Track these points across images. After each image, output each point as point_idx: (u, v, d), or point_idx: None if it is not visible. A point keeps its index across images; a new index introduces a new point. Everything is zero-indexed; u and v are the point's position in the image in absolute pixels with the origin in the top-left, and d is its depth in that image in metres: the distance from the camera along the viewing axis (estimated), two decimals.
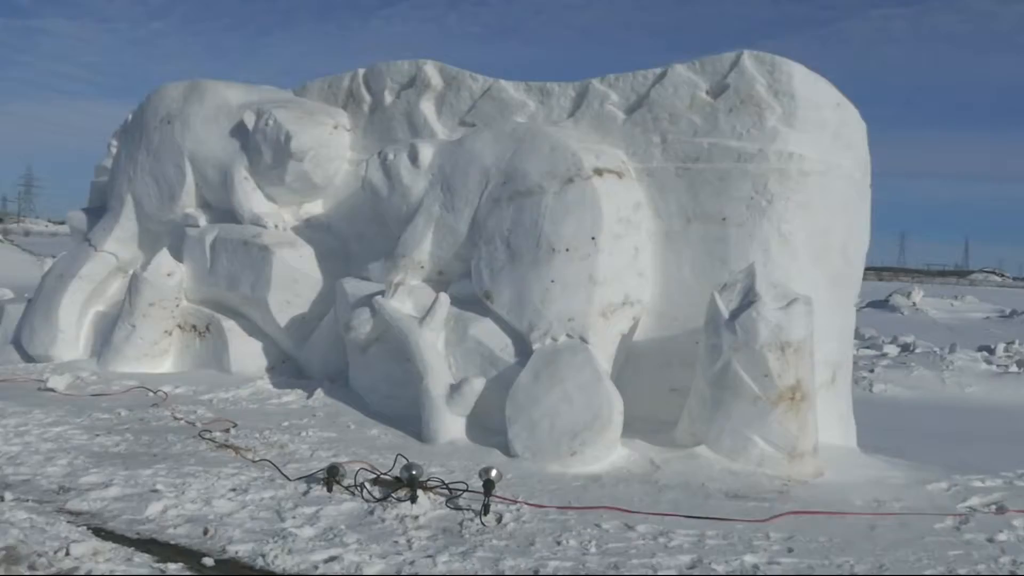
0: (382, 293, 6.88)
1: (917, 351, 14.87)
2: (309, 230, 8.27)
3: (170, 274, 8.43)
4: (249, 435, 6.01)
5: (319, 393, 7.20)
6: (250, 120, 8.14)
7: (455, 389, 6.17)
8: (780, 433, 5.66)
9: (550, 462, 5.65)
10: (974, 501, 5.36)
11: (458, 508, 4.65)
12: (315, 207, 8.47)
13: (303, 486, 4.93)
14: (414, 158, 7.13)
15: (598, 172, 6.44)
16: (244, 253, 8.06)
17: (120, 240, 9.16)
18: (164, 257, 8.46)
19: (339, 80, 8.52)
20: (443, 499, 4.77)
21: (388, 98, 8.08)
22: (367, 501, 4.68)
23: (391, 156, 7.23)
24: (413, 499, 4.60)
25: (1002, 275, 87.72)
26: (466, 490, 4.78)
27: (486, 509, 4.52)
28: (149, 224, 9.02)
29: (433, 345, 6.40)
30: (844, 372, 6.70)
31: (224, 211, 8.59)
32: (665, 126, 6.72)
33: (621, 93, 7.00)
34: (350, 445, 5.93)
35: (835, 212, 6.52)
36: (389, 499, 4.67)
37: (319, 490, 4.83)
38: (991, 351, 14.91)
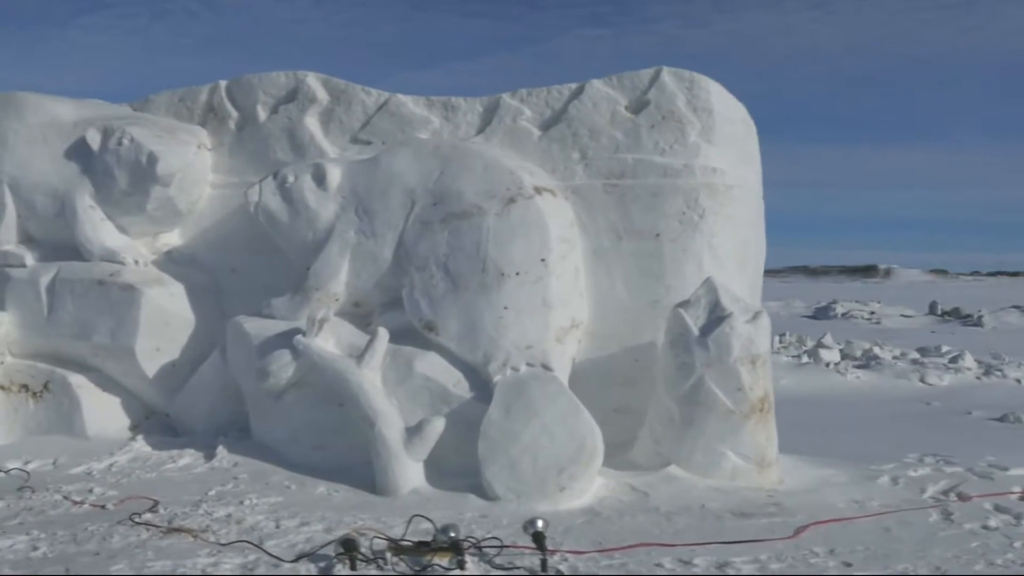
0: (298, 332, 6.11)
1: None
2: (171, 264, 7.18)
3: None
4: (185, 512, 5.07)
5: (222, 451, 6.27)
6: (95, 139, 6.93)
7: (413, 433, 5.61)
8: (751, 445, 5.74)
9: (538, 501, 5.30)
10: (931, 490, 5.74)
11: (510, 568, 4.18)
12: (172, 238, 7.38)
13: (310, 567, 4.21)
14: (320, 179, 6.43)
15: (537, 191, 6.18)
16: (99, 295, 6.84)
17: None
18: None
19: (194, 93, 7.49)
20: (477, 558, 4.28)
21: (262, 113, 7.22)
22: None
23: (291, 178, 6.46)
24: (461, 565, 4.08)
25: None
26: (513, 546, 4.33)
27: (544, 565, 4.12)
28: None
29: (377, 386, 5.79)
30: None
31: (55, 247, 7.25)
32: (585, 142, 6.58)
33: (534, 108, 6.77)
34: (309, 508, 5.19)
35: (749, 224, 6.73)
36: (430, 568, 4.10)
37: (337, 568, 4.14)
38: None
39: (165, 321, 6.87)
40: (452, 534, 4.21)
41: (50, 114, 7.22)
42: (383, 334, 5.86)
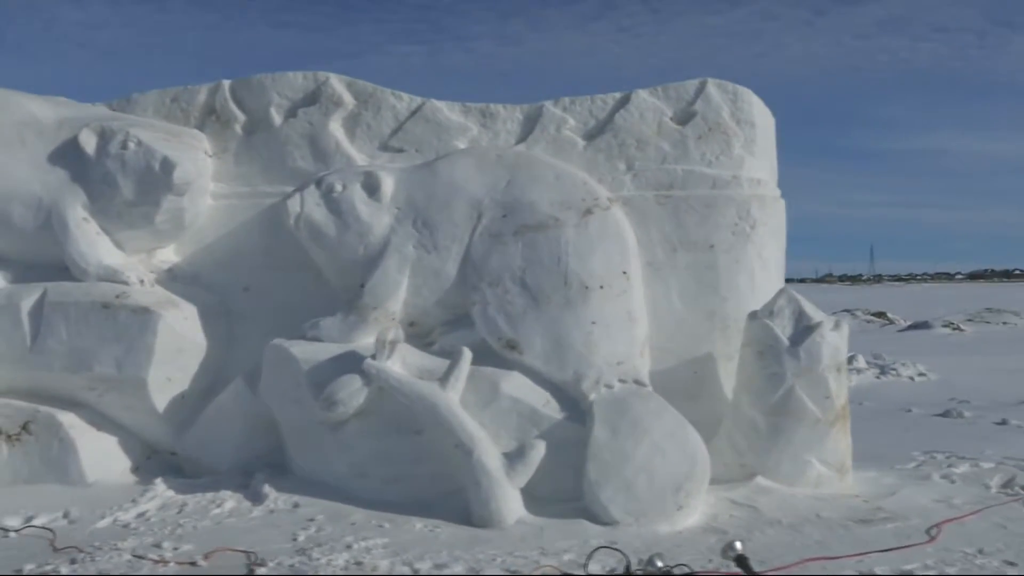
0: (355, 355, 5.61)
1: None
2: (174, 284, 6.39)
3: None
4: (303, 563, 4.47)
5: (269, 490, 5.62)
6: (90, 141, 6.06)
7: (515, 458, 5.26)
8: (833, 452, 5.81)
9: (657, 522, 5.11)
10: (994, 484, 6.02)
11: None
12: (168, 254, 6.58)
13: None
14: (372, 189, 5.94)
15: (611, 201, 6.00)
16: (102, 320, 5.96)
17: None
18: None
19: (191, 94, 6.71)
20: None
21: (277, 117, 6.58)
22: None
23: (339, 187, 5.93)
24: None
25: None
26: (715, 573, 4.12)
27: None
28: None
29: (463, 411, 5.39)
30: None
31: (29, 266, 6.30)
32: (632, 153, 6.47)
33: (578, 117, 6.59)
34: (426, 548, 4.73)
35: (783, 235, 6.85)
36: None
37: None
38: None
39: (179, 348, 6.11)
40: (659, 563, 3.95)
41: (24, 112, 6.28)
42: (467, 354, 5.47)
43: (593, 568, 4.21)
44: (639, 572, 3.99)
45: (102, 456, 6.06)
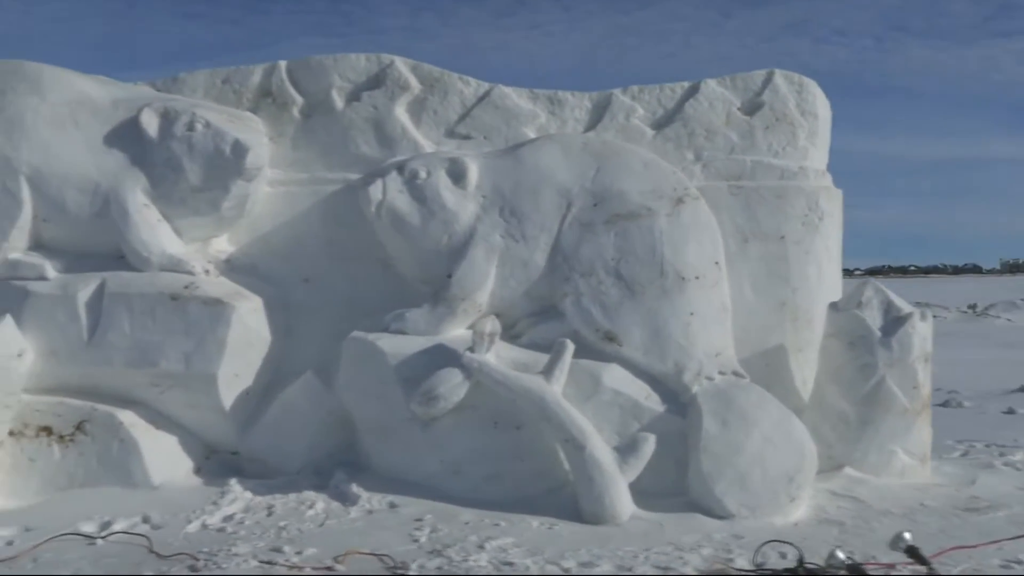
0: (444, 348, 5.41)
1: None
2: (233, 275, 6.04)
3: (20, 354, 5.50)
4: (449, 567, 4.26)
5: (359, 490, 5.35)
6: (152, 122, 5.67)
7: (627, 452, 5.14)
8: (917, 441, 5.89)
9: (772, 514, 5.07)
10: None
11: None
12: (222, 243, 6.22)
13: None
14: (458, 176, 5.72)
15: (699, 191, 5.94)
16: (170, 312, 5.58)
17: None
18: (9, 329, 5.47)
19: (243, 75, 6.34)
20: None
21: (338, 101, 6.29)
22: None
23: (423, 174, 5.69)
24: None
25: None
26: (886, 564, 4.07)
27: None
28: None
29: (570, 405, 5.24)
30: None
31: (79, 255, 5.87)
32: (700, 142, 6.42)
33: (646, 107, 6.49)
34: (556, 547, 4.57)
35: (841, 227, 6.90)
36: None
37: None
38: None
39: (248, 342, 5.79)
40: (841, 555, 3.89)
41: (76, 90, 5.84)
42: (569, 347, 5.31)
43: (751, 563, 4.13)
44: (812, 565, 3.93)
45: (164, 457, 5.68)
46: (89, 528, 4.94)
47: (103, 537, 4.78)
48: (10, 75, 5.77)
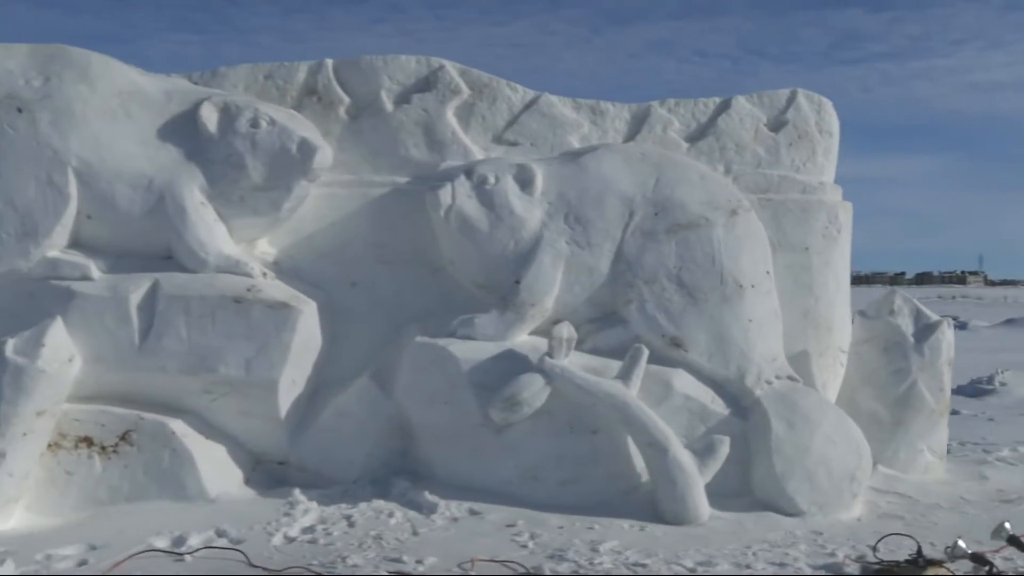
0: (514, 354, 5.45)
1: None
2: (280, 278, 5.84)
3: (71, 359, 5.15)
4: (579, 569, 4.30)
5: (433, 499, 5.30)
6: (212, 117, 5.43)
7: (705, 454, 5.30)
8: (939, 440, 6.35)
9: (838, 512, 5.36)
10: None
11: None
12: (263, 245, 6.00)
13: None
14: (525, 182, 5.75)
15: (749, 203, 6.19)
16: (232, 316, 5.34)
17: None
18: (60, 333, 5.11)
19: (287, 71, 6.13)
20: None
21: (387, 102, 6.19)
22: None
23: (492, 180, 5.69)
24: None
25: None
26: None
27: None
28: None
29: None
30: None
31: (119, 255, 5.55)
32: (731, 156, 6.68)
33: (682, 120, 6.70)
34: (670, 548, 4.69)
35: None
36: None
37: None
38: None
39: (308, 347, 5.64)
40: (963, 545, 4.17)
41: (129, 80, 5.53)
42: (644, 352, 5.44)
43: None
44: (933, 557, 4.20)
45: (216, 468, 5.45)
46: (161, 543, 4.69)
47: (192, 553, 4.54)
48: (54, 60, 5.40)
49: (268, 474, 5.74)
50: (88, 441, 5.32)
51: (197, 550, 4.57)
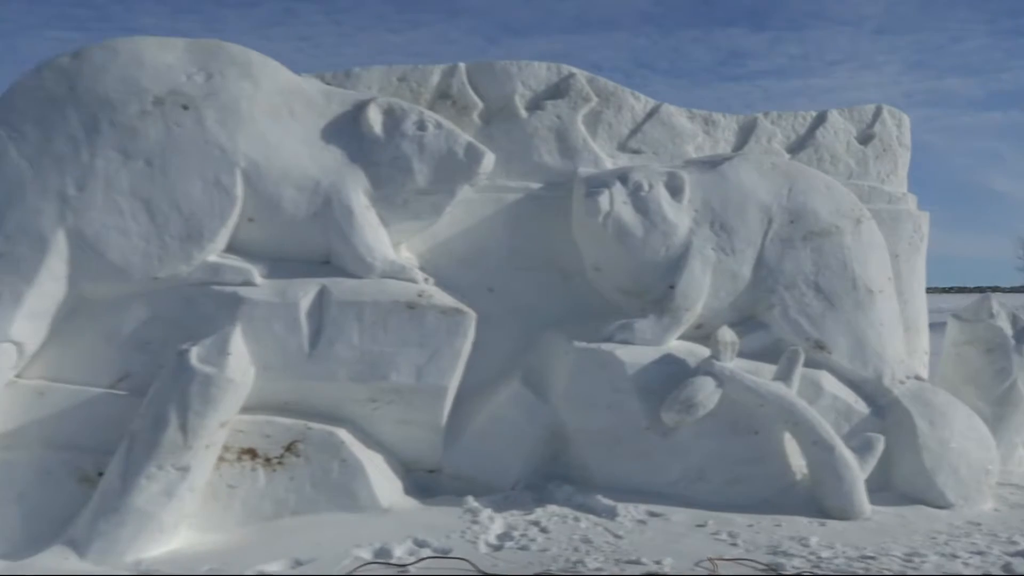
0: (673, 357, 5.57)
1: None
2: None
3: (251, 368, 4.95)
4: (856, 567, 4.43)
5: (609, 502, 5.33)
6: (378, 119, 5.32)
7: (865, 451, 5.53)
8: None
9: (980, 504, 5.68)
10: None
11: None
12: (403, 251, 5.91)
13: None
14: (676, 190, 5.86)
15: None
16: (406, 322, 5.23)
17: (33, 316, 4.82)
18: (240, 342, 4.90)
19: (422, 74, 6.06)
20: None
21: (521, 108, 6.19)
22: None
23: (646, 187, 5.78)
24: None
25: None
26: None
27: None
28: (103, 286, 4.99)
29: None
30: None
31: (275, 259, 5.37)
32: (827, 167, 7.00)
33: (784, 132, 6.99)
34: (863, 543, 4.87)
35: None
36: None
37: None
38: None
39: (467, 352, 5.57)
40: None
41: (287, 78, 5.37)
42: (801, 354, 5.63)
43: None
44: None
45: (382, 477, 5.33)
46: (364, 555, 4.58)
47: (414, 563, 4.45)
48: (214, 56, 5.19)
49: (416, 483, 5.64)
50: (252, 453, 5.13)
51: (421, 560, 4.48)
